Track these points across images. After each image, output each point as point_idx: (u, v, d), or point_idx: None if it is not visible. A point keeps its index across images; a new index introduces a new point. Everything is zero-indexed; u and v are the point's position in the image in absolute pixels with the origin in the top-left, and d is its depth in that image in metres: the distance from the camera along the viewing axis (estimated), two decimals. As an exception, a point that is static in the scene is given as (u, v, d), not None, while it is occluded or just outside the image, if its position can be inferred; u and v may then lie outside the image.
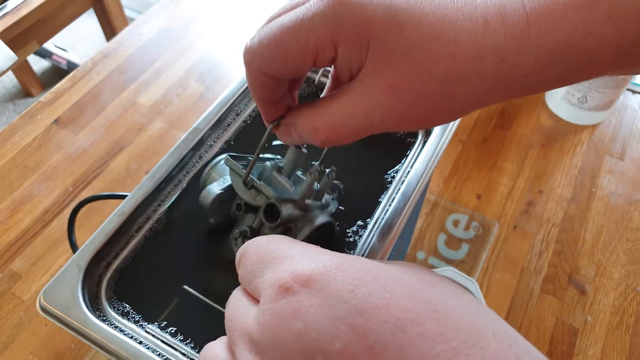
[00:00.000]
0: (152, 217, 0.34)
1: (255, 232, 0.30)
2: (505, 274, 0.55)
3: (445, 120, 0.24)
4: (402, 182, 0.35)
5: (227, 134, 0.38)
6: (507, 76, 0.21)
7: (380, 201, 0.35)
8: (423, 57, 0.21)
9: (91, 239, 0.32)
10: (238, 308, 0.20)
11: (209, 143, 0.37)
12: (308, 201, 0.30)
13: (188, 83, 0.69)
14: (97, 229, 0.33)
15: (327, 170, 0.31)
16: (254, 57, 0.23)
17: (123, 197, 0.44)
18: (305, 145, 0.30)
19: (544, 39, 0.21)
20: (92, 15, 1.36)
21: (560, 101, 0.66)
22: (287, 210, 0.28)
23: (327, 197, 0.33)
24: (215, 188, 0.31)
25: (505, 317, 0.52)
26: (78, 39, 1.81)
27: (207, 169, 0.33)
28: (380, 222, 0.33)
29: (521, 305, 0.53)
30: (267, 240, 0.21)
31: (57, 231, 0.56)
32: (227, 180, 0.32)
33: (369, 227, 0.34)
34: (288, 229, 0.29)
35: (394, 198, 0.34)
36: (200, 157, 0.36)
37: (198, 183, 0.34)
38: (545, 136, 0.66)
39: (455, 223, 0.58)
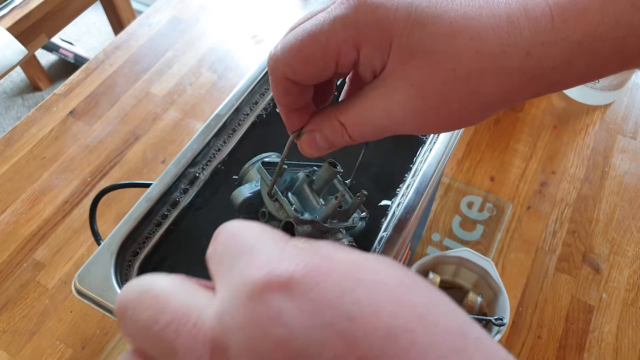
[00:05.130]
0: (179, 203, 0.35)
1: None
2: (520, 254, 0.56)
3: (470, 121, 0.23)
4: (420, 168, 0.36)
5: (249, 120, 0.39)
6: (534, 70, 0.21)
7: (400, 188, 0.36)
8: (446, 55, 0.21)
9: (120, 224, 0.32)
10: (177, 306, 0.17)
11: (231, 128, 0.38)
12: (333, 221, 0.30)
13: (200, 72, 0.70)
14: (121, 217, 0.34)
15: (358, 194, 0.30)
16: (277, 64, 0.23)
17: (143, 185, 0.44)
18: (339, 166, 0.30)
19: (570, 30, 0.21)
20: (98, 7, 1.36)
21: (571, 82, 0.66)
22: (303, 232, 0.28)
23: (355, 216, 0.32)
24: (246, 191, 0.31)
25: (520, 296, 0.53)
26: (84, 32, 1.81)
27: (247, 164, 0.33)
28: (400, 208, 0.34)
29: (536, 284, 0.54)
30: (247, 226, 0.19)
31: (77, 221, 0.57)
32: (258, 185, 0.32)
33: (389, 212, 0.34)
34: None
35: (412, 184, 0.35)
36: (224, 142, 0.37)
37: (223, 169, 0.35)
38: (557, 117, 0.66)
39: (470, 205, 0.58)
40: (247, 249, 0.17)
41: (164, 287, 0.17)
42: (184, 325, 0.16)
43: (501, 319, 0.47)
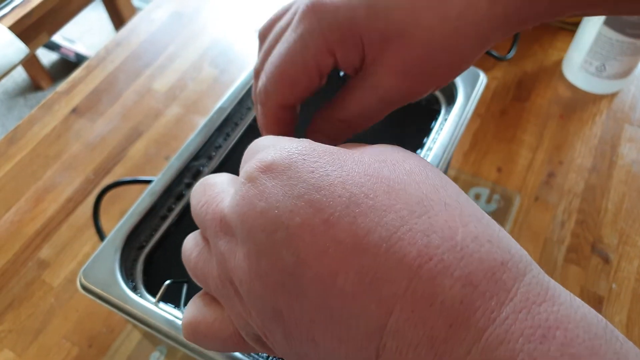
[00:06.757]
0: (184, 196, 0.34)
1: None
2: (528, 245, 0.55)
3: (459, 71, 0.25)
4: (427, 156, 0.35)
5: (252, 114, 0.38)
6: (502, 13, 0.22)
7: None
8: (417, 30, 0.22)
9: (125, 219, 0.32)
10: (212, 193, 0.22)
11: (234, 121, 0.37)
12: None
13: (202, 67, 0.69)
14: (125, 213, 0.33)
15: None
16: (268, 95, 0.25)
17: (146, 181, 0.44)
18: None
19: None
20: (98, 5, 1.36)
21: (577, 71, 0.65)
22: None
23: None
24: None
25: (529, 288, 0.52)
26: (85, 31, 1.81)
27: None
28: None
29: (545, 276, 0.53)
30: (258, 139, 0.23)
31: (81, 218, 0.57)
32: None
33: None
34: None
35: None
36: (227, 135, 0.37)
37: (228, 162, 0.34)
38: (563, 107, 0.65)
39: (477, 197, 0.58)
40: (252, 152, 0.21)
41: (215, 180, 0.23)
42: (210, 206, 0.21)
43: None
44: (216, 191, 0.21)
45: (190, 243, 0.23)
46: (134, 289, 0.30)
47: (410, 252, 0.16)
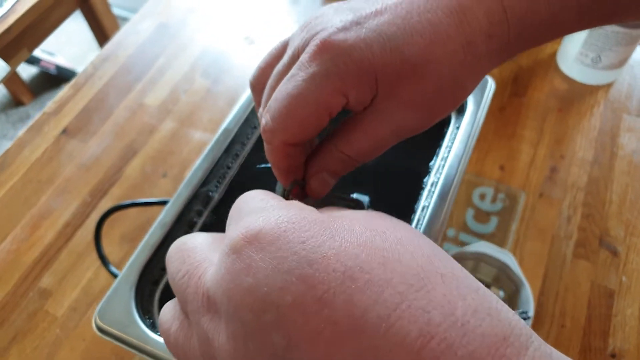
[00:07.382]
0: (196, 224, 0.33)
1: None
2: (536, 242, 0.55)
3: (458, 100, 0.25)
4: (443, 166, 0.34)
5: (258, 132, 0.37)
6: (496, 44, 0.23)
7: (424, 187, 0.34)
8: (428, 65, 0.22)
9: (137, 253, 0.31)
10: (193, 262, 0.20)
11: (241, 141, 0.36)
12: None
13: (194, 78, 0.68)
14: (126, 237, 0.32)
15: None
16: (275, 133, 0.24)
17: (147, 204, 0.43)
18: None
19: (516, 15, 0.23)
20: (77, 16, 1.33)
21: (573, 62, 0.65)
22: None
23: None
24: None
25: (540, 286, 0.52)
26: (64, 42, 1.77)
27: None
28: (426, 209, 0.32)
29: (555, 273, 0.53)
30: (248, 193, 0.21)
31: (81, 244, 0.55)
32: None
33: (416, 215, 0.33)
34: None
35: (434, 190, 0.33)
36: (235, 156, 0.36)
37: (238, 184, 0.33)
38: (560, 100, 0.65)
39: (482, 196, 0.57)
40: (240, 211, 0.20)
41: (196, 242, 0.21)
42: (192, 278, 0.19)
43: (525, 312, 0.46)
44: (197, 259, 0.20)
45: (168, 315, 0.21)
46: (152, 327, 0.29)
47: (411, 331, 0.15)
